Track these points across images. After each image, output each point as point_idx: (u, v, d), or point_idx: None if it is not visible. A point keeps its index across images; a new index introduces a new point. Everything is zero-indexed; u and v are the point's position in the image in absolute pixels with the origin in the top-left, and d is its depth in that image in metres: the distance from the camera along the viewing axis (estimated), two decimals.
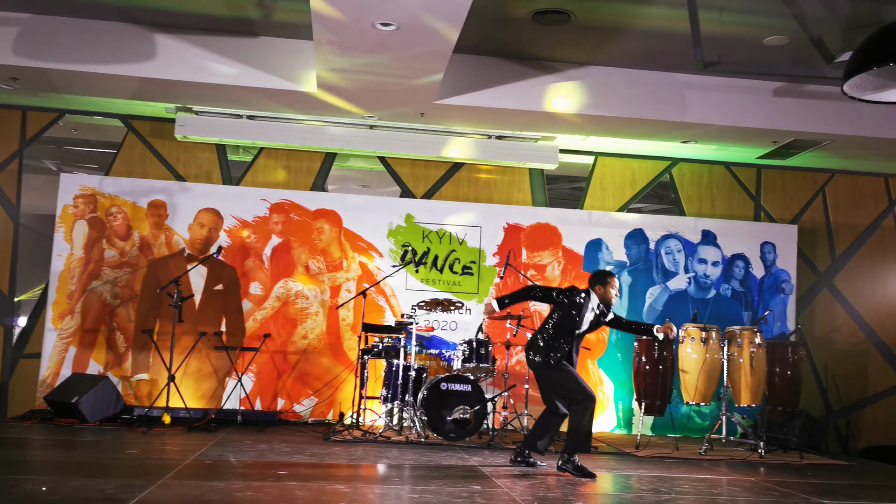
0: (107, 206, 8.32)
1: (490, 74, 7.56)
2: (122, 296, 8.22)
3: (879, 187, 9.79)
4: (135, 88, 7.57)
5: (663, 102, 7.78)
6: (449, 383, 7.07)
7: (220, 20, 7.07)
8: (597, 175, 9.35)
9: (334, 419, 8.17)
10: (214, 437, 6.74)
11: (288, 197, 8.56)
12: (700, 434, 8.42)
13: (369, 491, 4.88)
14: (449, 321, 8.52)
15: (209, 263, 8.32)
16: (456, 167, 9.07)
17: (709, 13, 6.40)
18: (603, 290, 5.97)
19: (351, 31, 6.00)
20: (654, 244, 9.00)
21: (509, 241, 8.75)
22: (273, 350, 8.28)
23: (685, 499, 5.04)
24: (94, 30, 7.14)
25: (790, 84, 7.79)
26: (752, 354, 7.44)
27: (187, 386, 8.01)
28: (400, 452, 6.40)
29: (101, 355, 8.11)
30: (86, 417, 7.21)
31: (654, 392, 7.55)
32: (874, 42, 5.13)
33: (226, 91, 7.50)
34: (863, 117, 7.90)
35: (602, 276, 6.03)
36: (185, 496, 4.36)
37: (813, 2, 6.21)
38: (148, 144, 8.71)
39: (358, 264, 8.53)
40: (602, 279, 6.00)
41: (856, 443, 9.26)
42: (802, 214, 9.60)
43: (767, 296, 9.08)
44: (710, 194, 9.52)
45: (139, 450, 5.97)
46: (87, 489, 4.40)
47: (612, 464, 6.50)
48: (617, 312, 8.65)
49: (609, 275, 6.02)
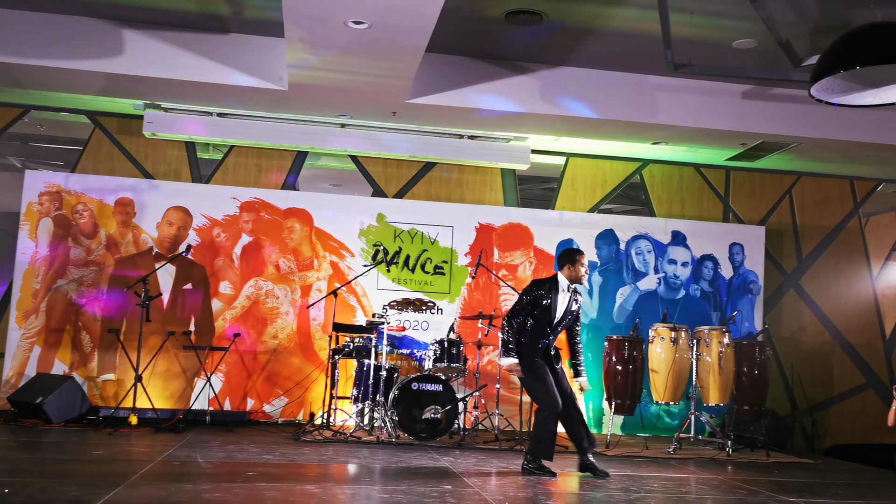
0: (73, 204, 8.19)
1: (462, 74, 7.56)
2: (89, 295, 8.09)
3: (845, 189, 9.95)
4: (102, 84, 7.45)
5: (634, 104, 7.84)
6: (420, 383, 7.05)
7: (190, 16, 6.99)
8: (568, 176, 9.39)
9: (304, 419, 8.12)
10: (182, 438, 6.66)
11: (258, 195, 8.49)
12: (669, 433, 8.49)
13: (340, 491, 4.85)
14: (420, 321, 8.51)
15: (178, 262, 8.22)
16: (428, 167, 9.06)
17: (679, 16, 6.46)
18: (572, 268, 5.82)
19: (323, 29, 5.96)
20: (624, 245, 9.06)
21: (481, 241, 8.76)
22: (243, 350, 8.21)
23: (654, 497, 5.07)
24: (60, 24, 7.02)
25: (758, 87, 7.89)
26: (721, 354, 7.52)
27: (155, 386, 7.91)
28: (371, 452, 6.37)
29: (67, 355, 7.98)
30: (50, 418, 7.09)
31: (624, 392, 7.60)
32: (841, 46, 5.20)
33: (196, 88, 7.42)
34: (829, 120, 8.01)
35: (571, 253, 5.88)
36: (152, 498, 4.30)
37: (781, 6, 6.29)
38: (115, 141, 8.58)
39: (329, 264, 8.49)
40: (571, 257, 5.85)
41: (821, 441, 9.40)
42: (770, 216, 9.72)
43: (736, 296, 9.18)
44: (679, 195, 9.60)
45: (105, 451, 5.88)
46: (51, 491, 4.32)
47: None
48: (588, 313, 8.81)
49: (578, 252, 5.88)
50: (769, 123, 8.00)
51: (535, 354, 5.75)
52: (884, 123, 8.08)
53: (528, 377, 5.74)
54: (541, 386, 5.68)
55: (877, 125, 8.08)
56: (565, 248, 6.05)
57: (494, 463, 6.17)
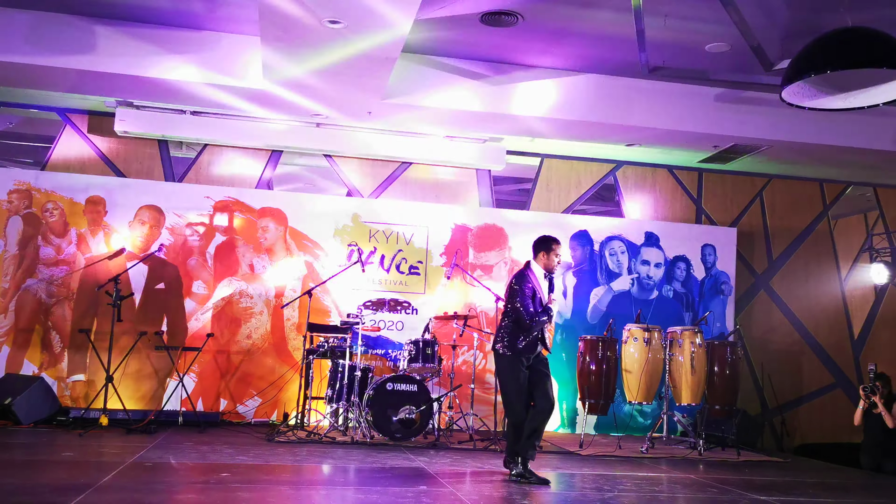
0: (42, 202, 8.08)
1: (439, 75, 7.57)
2: (59, 294, 7.98)
3: (815, 192, 10.10)
4: (73, 81, 7.35)
5: (609, 106, 7.89)
6: (395, 383, 7.04)
7: (164, 13, 6.92)
8: (543, 177, 9.43)
9: (278, 420, 8.07)
10: (154, 439, 6.60)
11: (232, 195, 8.43)
12: (642, 433, 8.56)
13: (315, 492, 4.83)
14: (395, 321, 8.49)
15: (150, 262, 8.14)
16: (403, 167, 9.05)
17: (654, 19, 6.52)
18: (547, 256, 5.73)
19: (299, 28, 5.93)
20: (598, 245, 9.12)
21: (457, 242, 8.77)
22: (216, 350, 8.14)
23: (628, 496, 5.11)
24: (30, 19, 6.91)
25: (731, 90, 7.98)
26: (693, 354, 7.60)
27: (126, 387, 7.82)
28: (345, 453, 6.35)
29: (36, 355, 7.87)
30: (19, 419, 6.99)
31: (597, 391, 7.64)
32: (812, 50, 5.27)
33: (168, 85, 7.34)
34: (800, 124, 8.12)
35: (547, 241, 5.76)
36: (125, 500, 4.25)
37: (753, 10, 6.37)
38: (86, 139, 8.48)
39: (304, 263, 8.45)
40: (547, 244, 5.75)
41: (790, 440, 9.53)
42: (741, 217, 9.84)
43: (708, 297, 9.28)
44: (653, 197, 9.69)
45: (76, 452, 5.80)
46: (21, 492, 4.26)
47: (557, 462, 6.56)
48: (562, 313, 8.85)
49: (555, 241, 5.77)
50: (741, 126, 8.10)
51: (526, 352, 5.60)
52: (853, 127, 8.21)
53: (500, 376, 5.68)
54: (510, 389, 5.56)
55: (846, 129, 8.21)
56: (541, 236, 5.88)
57: (469, 463, 6.18)
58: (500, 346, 5.65)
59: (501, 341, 5.65)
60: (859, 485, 6.43)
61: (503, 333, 5.67)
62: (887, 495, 5.93)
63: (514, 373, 5.59)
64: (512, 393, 5.59)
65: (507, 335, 5.64)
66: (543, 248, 5.78)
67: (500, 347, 5.65)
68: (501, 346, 5.64)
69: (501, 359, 5.66)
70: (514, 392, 5.58)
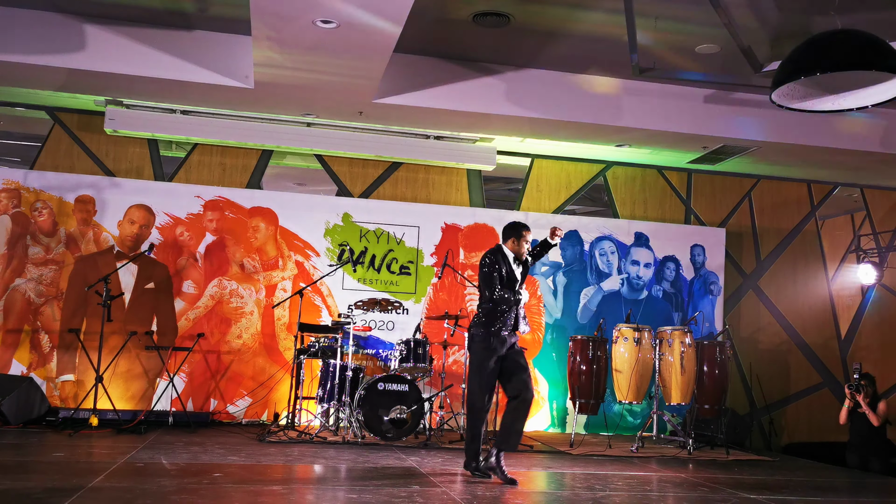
0: (31, 201, 8.03)
1: (430, 75, 7.58)
2: (48, 294, 7.94)
3: (803, 193, 10.17)
4: (62, 80, 7.32)
5: (599, 106, 7.92)
6: (386, 383, 7.05)
7: (154, 12, 6.90)
8: (533, 177, 9.46)
9: (269, 420, 8.06)
10: (145, 440, 6.57)
11: (222, 194, 8.41)
12: (632, 432, 8.59)
13: (307, 492, 4.83)
14: (386, 321, 8.50)
15: (140, 261, 8.11)
16: (394, 167, 9.06)
17: (645, 20, 6.55)
18: (516, 242, 5.65)
19: (290, 28, 5.93)
20: (588, 245, 9.15)
21: (447, 242, 8.78)
22: (206, 350, 8.12)
23: (618, 496, 5.14)
24: (19, 18, 6.88)
25: (721, 91, 8.03)
26: (683, 354, 7.64)
27: (116, 387, 7.79)
28: (337, 453, 6.35)
29: (25, 355, 7.83)
30: (8, 420, 6.95)
31: (588, 391, 7.68)
32: (801, 52, 5.31)
33: (159, 84, 7.32)
34: (789, 125, 8.19)
35: (517, 227, 5.69)
36: (117, 500, 4.24)
37: (743, 12, 6.41)
38: (76, 138, 8.43)
39: (294, 263, 8.44)
40: (517, 230, 5.67)
41: (778, 439, 9.59)
42: (730, 218, 9.90)
43: (697, 297, 9.33)
44: (642, 197, 9.73)
45: (66, 453, 5.78)
46: (11, 494, 4.24)
47: (547, 462, 6.59)
48: (552, 313, 8.88)
49: (525, 227, 5.68)
50: (730, 127, 8.15)
51: (497, 341, 5.53)
52: (841, 129, 8.28)
53: (471, 366, 5.64)
54: (475, 380, 5.54)
55: (834, 130, 8.28)
56: (511, 221, 5.79)
57: (460, 462, 6.17)
58: (473, 329, 5.63)
59: (475, 326, 5.61)
60: (848, 483, 6.49)
61: (477, 318, 5.64)
62: (875, 494, 5.99)
63: (486, 355, 5.50)
64: (476, 374, 5.53)
65: (482, 318, 5.57)
66: (514, 234, 5.70)
67: (473, 330, 5.62)
68: (475, 329, 5.60)
69: (473, 340, 5.61)
70: (480, 374, 5.50)
